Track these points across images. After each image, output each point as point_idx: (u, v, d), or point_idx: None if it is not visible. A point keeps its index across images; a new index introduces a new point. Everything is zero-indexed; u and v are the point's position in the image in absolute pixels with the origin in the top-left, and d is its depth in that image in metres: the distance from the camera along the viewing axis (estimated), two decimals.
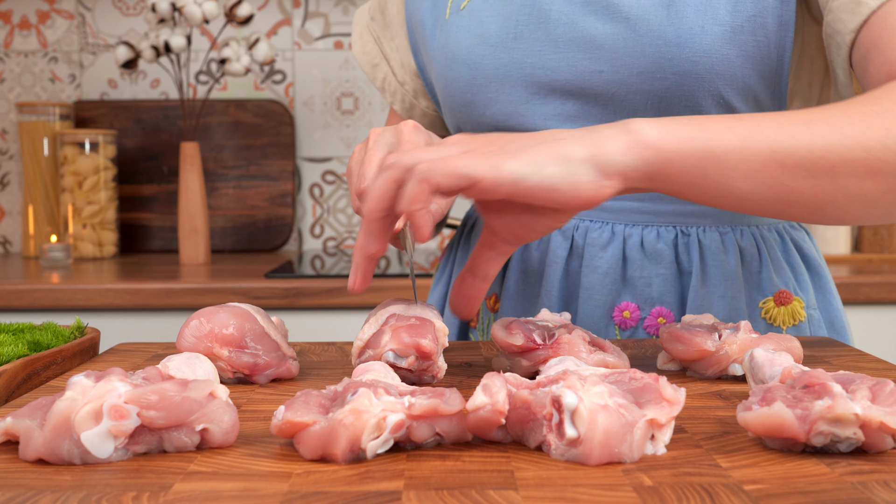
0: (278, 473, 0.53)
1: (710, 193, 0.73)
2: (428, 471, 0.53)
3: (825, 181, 0.72)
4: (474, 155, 0.68)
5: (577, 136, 0.70)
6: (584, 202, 0.69)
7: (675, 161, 0.71)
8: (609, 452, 0.54)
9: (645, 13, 0.90)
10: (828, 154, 0.71)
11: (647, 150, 0.70)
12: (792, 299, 0.99)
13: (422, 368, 0.74)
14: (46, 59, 2.41)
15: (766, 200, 0.73)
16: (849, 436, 0.55)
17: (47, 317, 1.78)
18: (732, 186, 0.72)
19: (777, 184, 0.72)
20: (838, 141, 0.71)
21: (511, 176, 0.67)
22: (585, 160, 0.68)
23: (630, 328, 0.99)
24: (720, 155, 0.71)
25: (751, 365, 0.68)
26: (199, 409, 0.57)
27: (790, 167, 0.71)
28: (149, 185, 2.39)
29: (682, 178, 0.72)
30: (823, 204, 0.73)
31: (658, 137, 0.70)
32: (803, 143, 0.71)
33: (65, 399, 0.55)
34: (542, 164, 0.67)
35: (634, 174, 0.70)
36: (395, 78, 1.14)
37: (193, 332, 0.75)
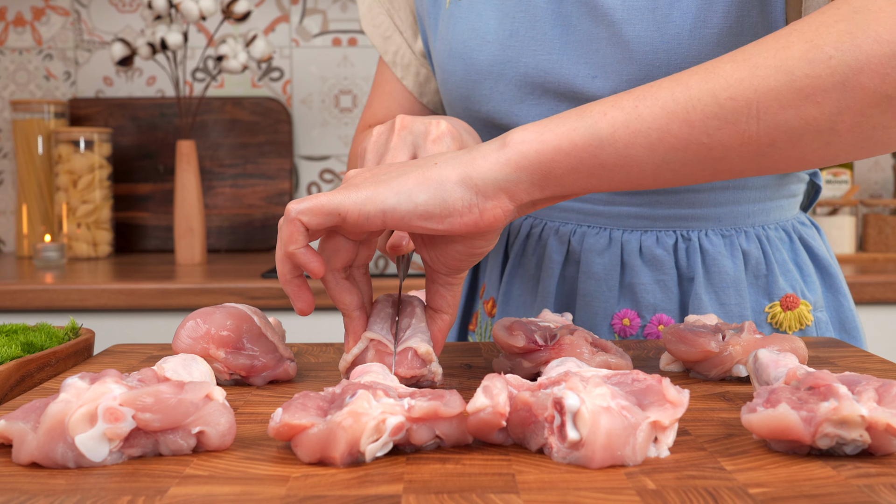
0: (276, 477, 0.53)
1: (619, 179, 0.67)
2: (428, 474, 0.53)
3: (750, 124, 0.64)
4: (346, 190, 0.67)
5: (452, 157, 0.68)
6: (471, 226, 0.67)
7: (558, 161, 0.66)
8: (611, 455, 0.54)
9: (631, 17, 0.87)
10: (738, 92, 0.63)
11: (524, 158, 0.66)
12: (799, 303, 0.98)
13: (415, 382, 0.74)
14: (41, 57, 2.41)
15: (687, 165, 0.66)
16: (855, 438, 0.54)
17: (41, 318, 1.77)
18: (639, 164, 0.66)
19: (690, 144, 0.65)
20: (748, 73, 0.63)
21: (378, 208, 0.66)
22: (458, 181, 0.66)
23: (630, 336, 0.98)
24: (607, 136, 0.65)
25: (755, 366, 0.68)
26: (195, 412, 0.56)
27: (697, 121, 0.64)
28: (144, 184, 2.39)
29: (576, 175, 0.67)
30: (763, 150, 0.65)
31: (533, 141, 0.66)
32: (705, 88, 0.64)
33: (59, 401, 0.55)
34: (413, 193, 0.66)
35: (520, 187, 0.67)
36: (410, 49, 1.10)
37: (189, 333, 0.75)
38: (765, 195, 0.98)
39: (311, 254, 0.69)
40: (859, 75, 0.62)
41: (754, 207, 0.97)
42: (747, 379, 0.77)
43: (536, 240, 1.02)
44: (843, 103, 0.63)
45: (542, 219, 1.01)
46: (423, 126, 0.79)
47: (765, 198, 0.98)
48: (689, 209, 0.96)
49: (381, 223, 0.66)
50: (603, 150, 0.65)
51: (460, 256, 0.72)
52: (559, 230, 1.00)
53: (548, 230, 1.01)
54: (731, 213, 0.97)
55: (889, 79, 0.62)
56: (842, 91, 0.62)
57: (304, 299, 0.72)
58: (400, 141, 0.79)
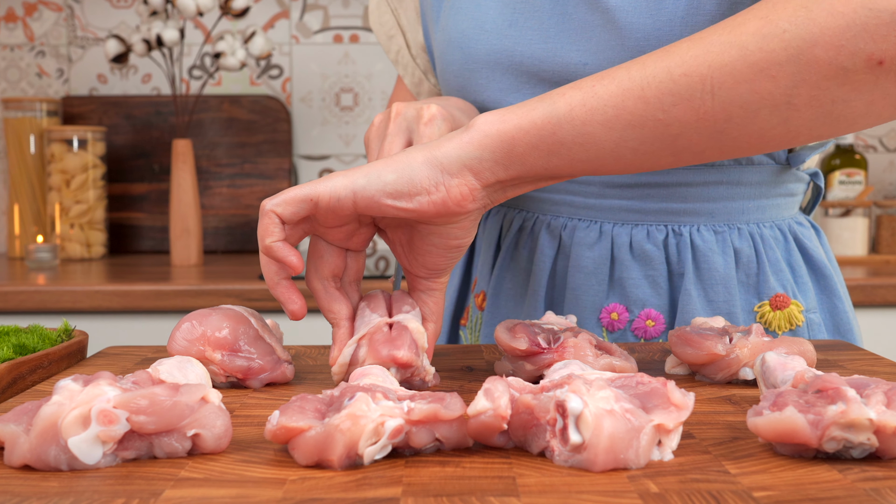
0: (272, 480, 0.53)
1: (580, 158, 0.70)
2: (427, 477, 0.54)
3: (704, 100, 0.66)
4: (318, 181, 0.71)
5: (424, 144, 0.72)
6: (439, 205, 0.71)
7: (519, 138, 0.69)
8: (614, 458, 0.54)
9: (625, 4, 0.89)
10: (691, 68, 0.65)
11: (486, 137, 0.70)
12: (789, 303, 0.99)
13: (406, 377, 0.75)
14: (33, 53, 2.42)
15: (647, 143, 0.69)
16: (862, 441, 0.55)
17: (33, 319, 1.78)
18: (597, 142, 0.68)
19: (647, 121, 0.67)
20: (702, 49, 0.65)
21: (348, 189, 0.70)
22: (423, 162, 0.70)
23: (618, 330, 0.99)
24: (565, 115, 0.68)
25: (762, 369, 0.69)
26: (190, 414, 0.57)
27: (652, 98, 0.66)
28: (139, 184, 2.39)
29: (537, 153, 0.70)
30: (719, 126, 0.67)
31: (495, 122, 0.70)
32: (660, 67, 0.66)
33: (52, 404, 0.55)
34: (382, 173, 0.70)
35: (483, 164, 0.70)
36: (408, 51, 1.16)
37: (185, 335, 0.75)
38: (760, 192, 0.98)
39: (288, 247, 0.72)
40: (814, 48, 0.63)
41: (749, 204, 0.98)
42: (754, 382, 0.78)
43: (528, 233, 1.04)
44: (798, 77, 0.64)
45: (534, 212, 1.03)
46: (415, 111, 0.86)
47: (760, 195, 0.99)
48: (681, 203, 0.97)
49: (351, 204, 0.70)
50: (561, 128, 0.69)
51: (438, 251, 0.75)
52: (551, 224, 1.01)
53: (540, 223, 1.02)
54: (724, 209, 0.98)
55: (844, 50, 0.63)
56: (796, 64, 0.63)
57: (294, 301, 0.75)
58: (395, 127, 0.85)
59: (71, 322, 1.78)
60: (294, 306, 0.75)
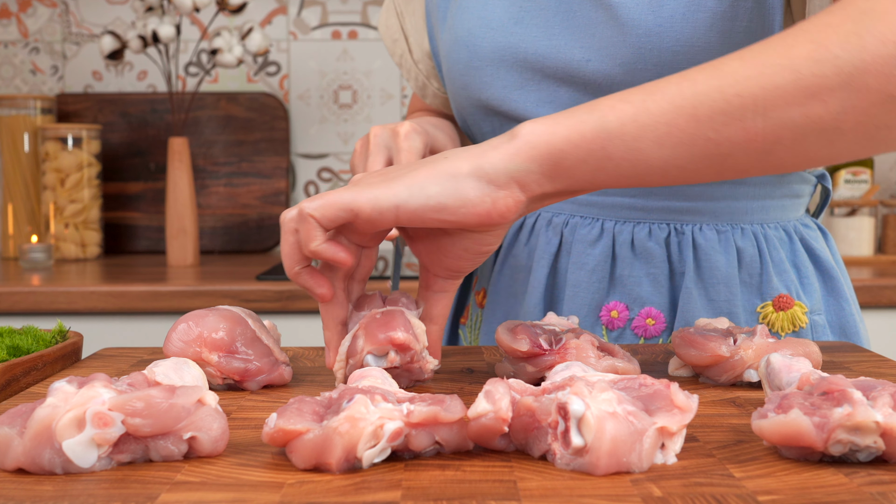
0: (270, 483, 0.53)
1: (627, 174, 0.70)
2: (427, 481, 0.54)
3: (756, 120, 0.67)
4: (358, 187, 0.70)
5: (463, 151, 0.71)
6: (483, 216, 0.70)
7: (569, 151, 0.69)
8: (617, 462, 0.54)
9: (627, 0, 0.91)
10: (744, 89, 0.66)
11: (534, 149, 0.69)
12: (793, 304, 0.99)
13: (406, 362, 0.74)
14: (27, 50, 2.42)
15: (696, 161, 0.69)
16: (869, 444, 0.55)
17: (27, 320, 1.78)
18: (647, 158, 0.69)
19: (697, 139, 0.68)
20: (756, 71, 0.66)
21: (391, 202, 0.69)
22: (470, 173, 0.69)
23: (618, 329, 0.99)
24: (616, 129, 0.68)
25: (767, 371, 0.69)
26: (186, 417, 0.57)
27: (704, 117, 0.67)
28: (135, 183, 2.39)
29: (585, 167, 0.70)
30: (768, 147, 0.68)
31: (543, 132, 0.69)
32: (712, 85, 0.67)
33: (46, 406, 0.55)
34: (425, 185, 0.69)
35: (530, 177, 0.70)
36: (410, 56, 1.18)
37: (181, 336, 0.75)
38: (763, 192, 0.99)
39: (336, 245, 0.71)
40: (864, 75, 0.64)
41: (753, 204, 0.99)
42: (759, 384, 0.78)
43: (529, 230, 1.04)
44: (847, 102, 0.65)
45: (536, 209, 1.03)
46: (390, 130, 0.92)
47: (764, 195, 0.99)
48: (684, 202, 0.97)
49: (393, 218, 0.69)
50: (612, 143, 0.68)
51: (466, 255, 0.74)
52: (552, 220, 1.02)
53: (541, 221, 1.03)
54: (727, 208, 0.98)
55: (893, 79, 0.64)
56: (847, 90, 0.65)
57: (321, 285, 0.74)
58: (375, 147, 0.91)
59: (66, 323, 1.78)
60: (322, 289, 0.74)
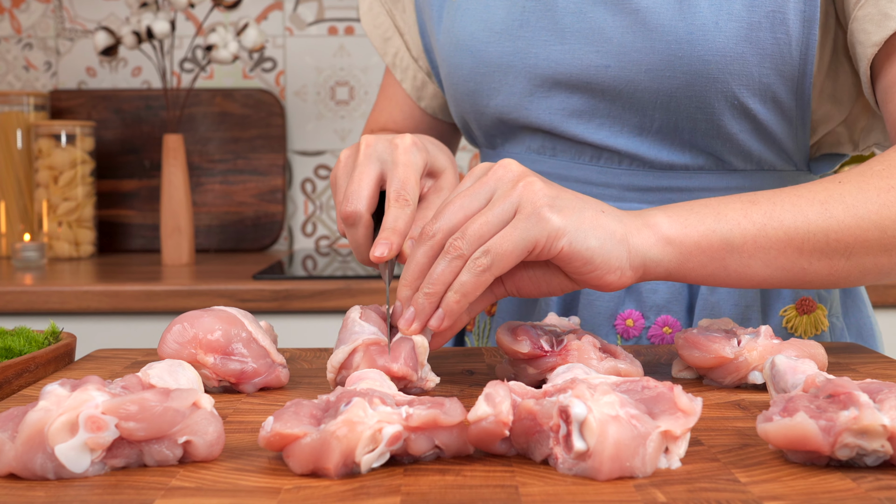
0: (266, 489, 0.53)
1: (730, 281, 0.80)
2: (426, 486, 0.54)
3: (841, 261, 0.80)
4: (526, 220, 0.72)
5: (617, 213, 0.77)
6: (605, 284, 0.76)
7: (695, 255, 0.78)
8: (620, 466, 0.54)
9: (655, 6, 0.90)
10: (843, 237, 0.79)
11: (669, 245, 0.77)
12: (815, 307, 0.99)
13: (404, 388, 0.74)
14: (20, 46, 2.42)
15: (783, 281, 0.81)
16: (876, 448, 0.55)
17: (20, 321, 1.78)
18: (752, 274, 0.79)
19: (794, 267, 0.80)
20: (854, 223, 0.79)
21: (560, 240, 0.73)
22: (620, 241, 0.76)
23: (633, 338, 0.98)
24: (738, 246, 0.78)
25: (772, 373, 0.68)
26: (181, 420, 0.57)
27: (807, 251, 0.79)
28: (129, 181, 2.39)
29: (703, 271, 0.79)
30: (838, 280, 0.82)
31: (678, 233, 0.78)
32: (820, 226, 0.78)
33: (38, 409, 0.55)
34: (587, 235, 0.74)
35: (658, 268, 0.78)
36: (409, 53, 1.13)
37: (176, 337, 0.75)
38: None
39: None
40: None
41: None
42: (764, 386, 0.78)
43: None
44: None
45: None
46: (387, 141, 0.84)
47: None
48: None
49: (556, 253, 0.74)
50: (731, 256, 0.78)
51: (544, 287, 0.79)
52: None
53: None
54: None
55: None
56: None
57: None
58: (365, 157, 0.82)
59: (58, 324, 1.78)
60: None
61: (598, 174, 0.97)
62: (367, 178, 0.81)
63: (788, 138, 0.95)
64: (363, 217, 0.80)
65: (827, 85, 0.94)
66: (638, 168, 0.96)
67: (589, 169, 0.98)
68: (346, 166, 0.84)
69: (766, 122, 0.92)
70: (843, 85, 0.94)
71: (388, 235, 0.78)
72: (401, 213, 0.79)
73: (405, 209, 0.79)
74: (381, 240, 0.78)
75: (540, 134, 0.99)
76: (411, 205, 0.80)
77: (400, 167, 0.81)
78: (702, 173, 0.95)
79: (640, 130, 0.95)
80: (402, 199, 0.79)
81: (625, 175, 0.97)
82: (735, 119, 0.92)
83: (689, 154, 0.95)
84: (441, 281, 0.73)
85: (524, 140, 1.01)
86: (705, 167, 0.96)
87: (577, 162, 0.98)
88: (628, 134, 0.95)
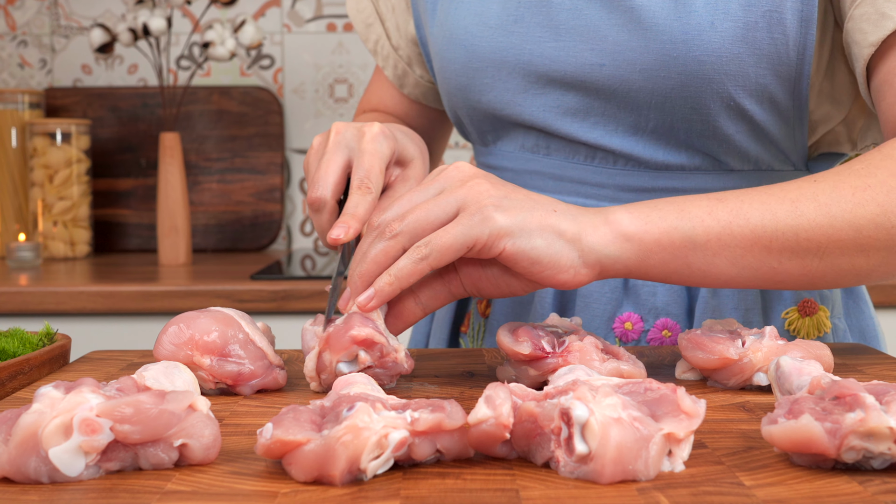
0: (263, 493, 0.53)
1: (694, 280, 0.80)
2: (426, 490, 0.53)
3: (814, 261, 0.78)
4: (469, 217, 0.74)
5: (568, 210, 0.77)
6: (559, 284, 0.76)
7: (656, 252, 0.77)
8: (622, 469, 0.54)
9: (650, 4, 0.89)
10: (814, 236, 0.77)
11: (627, 241, 0.77)
12: (817, 309, 0.99)
13: (378, 358, 0.74)
14: (15, 43, 2.41)
15: (752, 281, 0.80)
16: (883, 451, 0.54)
17: (14, 322, 1.78)
18: (717, 272, 0.79)
19: (763, 266, 0.79)
20: (826, 222, 0.77)
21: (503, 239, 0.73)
22: (571, 240, 0.76)
23: (632, 341, 0.98)
24: (702, 243, 0.77)
25: (777, 374, 0.68)
26: (177, 423, 0.57)
27: (775, 250, 0.78)
28: (125, 179, 2.39)
29: (664, 268, 0.78)
30: (813, 280, 0.80)
31: (638, 229, 0.77)
32: (789, 225, 0.77)
33: (32, 412, 0.55)
34: (532, 234, 0.74)
35: (615, 266, 0.77)
36: (388, 41, 1.14)
37: (172, 338, 0.75)
38: None
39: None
40: None
41: None
42: (768, 388, 0.77)
43: None
44: (886, 259, 0.79)
45: None
46: (356, 129, 0.86)
47: None
48: None
49: (497, 253, 0.74)
50: (694, 254, 0.78)
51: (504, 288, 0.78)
52: None
53: None
54: None
55: None
56: (890, 252, 0.79)
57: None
58: (334, 145, 0.85)
59: (53, 325, 1.78)
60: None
61: (593, 174, 0.97)
62: (334, 165, 0.84)
63: (786, 138, 0.94)
64: (328, 203, 0.83)
65: (825, 85, 0.93)
66: (633, 168, 0.96)
67: (583, 169, 0.97)
68: (317, 153, 0.87)
69: (762, 122, 0.92)
70: (842, 85, 0.94)
71: (347, 220, 0.80)
72: (361, 200, 0.81)
73: (366, 196, 0.81)
74: (340, 223, 0.80)
75: (534, 132, 0.99)
76: (373, 192, 0.82)
77: (366, 156, 0.84)
78: (698, 174, 0.95)
79: (635, 130, 0.94)
80: (364, 187, 0.82)
81: (620, 175, 0.96)
82: (731, 120, 0.91)
83: (685, 154, 0.95)
84: (374, 261, 0.75)
85: (517, 138, 1.00)
86: (701, 167, 0.95)
87: (572, 161, 0.98)
88: (623, 133, 0.95)
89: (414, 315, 0.79)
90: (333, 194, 0.83)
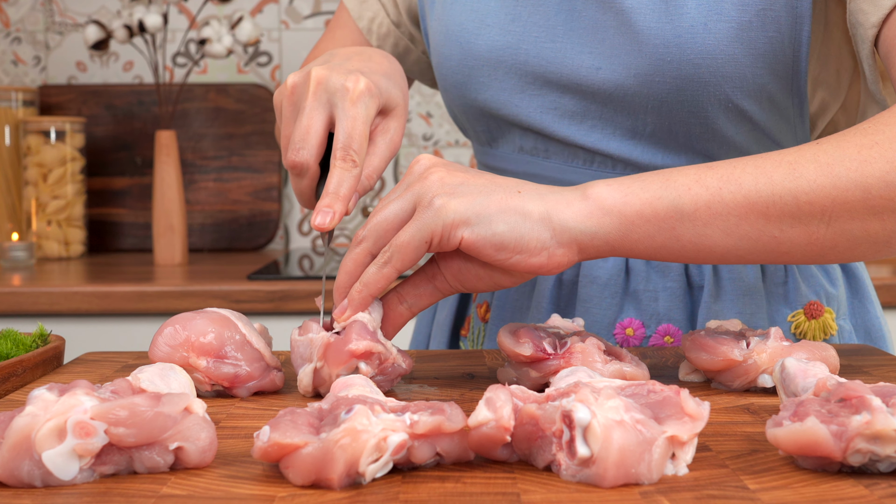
0: (260, 497, 0.53)
1: (686, 254, 0.75)
2: (426, 493, 0.53)
3: (819, 227, 0.73)
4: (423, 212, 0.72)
5: (536, 190, 0.74)
6: (534, 268, 0.73)
7: (639, 225, 0.73)
8: (625, 473, 0.54)
9: (640, 6, 0.88)
10: (817, 199, 0.72)
11: (607, 215, 0.73)
12: (823, 311, 0.98)
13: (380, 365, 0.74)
14: (9, 40, 2.41)
15: (754, 253, 0.75)
16: (889, 454, 0.54)
17: (7, 323, 1.78)
18: (711, 244, 0.74)
19: (763, 235, 0.74)
20: (829, 182, 0.72)
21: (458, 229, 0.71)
22: (539, 219, 0.72)
23: (633, 346, 0.98)
24: (690, 213, 0.73)
25: (782, 376, 0.68)
26: (173, 426, 0.56)
27: (774, 217, 0.73)
28: (120, 178, 2.39)
29: (650, 243, 0.74)
30: (823, 251, 0.75)
31: (618, 201, 0.73)
32: (787, 188, 0.72)
33: (25, 415, 0.55)
34: (493, 220, 0.71)
35: (594, 242, 0.73)
36: (388, 18, 1.08)
37: (168, 340, 0.75)
38: None
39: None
40: None
41: None
42: (773, 390, 0.77)
43: None
44: None
45: None
46: (340, 83, 0.80)
47: None
48: None
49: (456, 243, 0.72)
50: (682, 225, 0.73)
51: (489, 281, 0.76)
52: None
53: None
54: None
55: None
56: None
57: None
58: (315, 101, 0.79)
59: (47, 326, 1.78)
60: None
61: (592, 178, 0.96)
62: (316, 123, 0.79)
63: (787, 135, 0.94)
64: (311, 168, 0.79)
65: (818, 71, 0.92)
66: (632, 172, 0.95)
67: (583, 172, 0.96)
68: (294, 100, 0.82)
69: (762, 122, 0.91)
70: (834, 68, 0.93)
71: (331, 202, 0.77)
72: (346, 176, 0.78)
73: (351, 171, 0.78)
74: (323, 207, 0.77)
75: (532, 134, 0.98)
76: (358, 165, 0.78)
77: (349, 119, 0.79)
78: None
79: (633, 134, 0.94)
80: (348, 159, 0.78)
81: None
82: (731, 122, 0.91)
83: (685, 157, 0.94)
84: (345, 271, 0.75)
85: (515, 139, 1.00)
86: None
87: (571, 165, 0.97)
88: (621, 137, 0.94)
89: (402, 317, 0.78)
90: (316, 157, 0.79)
